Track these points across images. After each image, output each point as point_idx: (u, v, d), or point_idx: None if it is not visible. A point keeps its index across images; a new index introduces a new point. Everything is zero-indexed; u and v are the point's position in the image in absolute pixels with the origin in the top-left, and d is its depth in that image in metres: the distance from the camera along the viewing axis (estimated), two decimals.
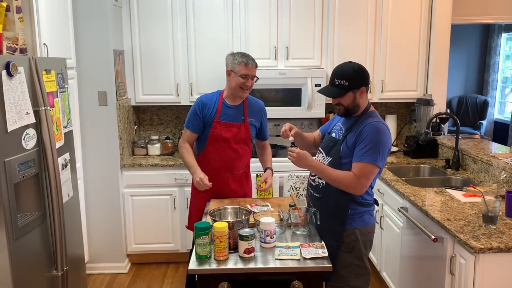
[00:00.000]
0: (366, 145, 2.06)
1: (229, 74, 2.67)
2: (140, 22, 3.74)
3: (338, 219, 2.16)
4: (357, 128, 2.14)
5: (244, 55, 2.66)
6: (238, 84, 2.63)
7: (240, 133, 2.73)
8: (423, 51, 3.91)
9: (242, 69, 2.61)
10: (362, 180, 2.08)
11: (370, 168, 2.06)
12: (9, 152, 1.97)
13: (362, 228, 2.19)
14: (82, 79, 3.40)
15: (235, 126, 2.72)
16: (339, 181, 2.11)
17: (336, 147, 2.19)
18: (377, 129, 2.08)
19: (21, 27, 2.42)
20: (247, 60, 2.63)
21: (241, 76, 2.62)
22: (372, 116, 2.17)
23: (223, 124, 2.69)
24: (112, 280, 3.59)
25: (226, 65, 2.71)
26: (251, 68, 2.63)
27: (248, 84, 2.65)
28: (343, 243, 2.17)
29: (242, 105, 2.76)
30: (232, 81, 2.66)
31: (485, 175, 2.99)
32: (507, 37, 7.75)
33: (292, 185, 3.63)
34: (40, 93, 2.18)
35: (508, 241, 1.96)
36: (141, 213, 3.70)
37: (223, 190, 2.76)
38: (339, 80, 2.13)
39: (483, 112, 7.86)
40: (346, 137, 2.17)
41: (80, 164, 3.39)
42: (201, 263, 1.91)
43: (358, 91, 2.14)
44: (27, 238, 2.09)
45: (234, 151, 2.74)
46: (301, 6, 3.79)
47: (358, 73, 2.14)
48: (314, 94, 3.77)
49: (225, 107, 2.71)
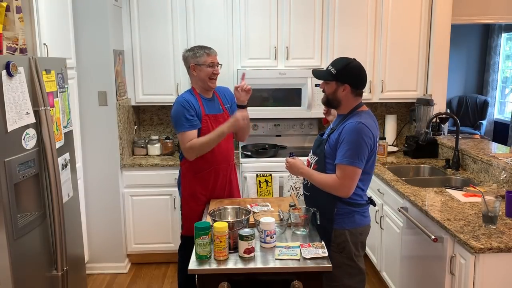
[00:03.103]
0: (344, 146, 2.08)
1: (194, 69, 2.66)
2: (140, 22, 3.74)
3: (326, 218, 2.18)
4: (340, 128, 2.16)
5: (202, 46, 2.69)
6: (207, 75, 2.64)
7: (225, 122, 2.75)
8: (423, 51, 3.91)
9: (206, 58, 2.63)
10: (345, 182, 2.08)
11: (350, 170, 2.07)
12: (9, 152, 1.97)
13: (352, 229, 2.18)
14: (82, 79, 3.40)
15: (219, 117, 2.73)
16: (325, 185, 2.14)
17: (321, 147, 2.23)
18: (354, 130, 2.07)
19: (21, 27, 2.42)
20: (208, 49, 2.66)
21: (208, 66, 2.63)
22: (357, 116, 2.15)
23: (212, 117, 2.69)
24: (112, 280, 3.59)
25: (187, 62, 2.70)
26: (213, 56, 2.67)
27: (216, 72, 2.68)
28: (333, 243, 2.17)
29: (215, 96, 2.78)
30: (200, 74, 2.65)
31: (485, 175, 2.99)
32: (507, 37, 7.75)
33: (292, 185, 3.63)
34: (40, 93, 2.18)
35: (508, 241, 1.96)
36: (141, 213, 3.70)
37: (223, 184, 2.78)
38: (331, 66, 2.17)
39: (483, 112, 7.86)
40: (329, 137, 2.20)
41: (80, 164, 3.39)
42: (201, 263, 1.91)
43: (341, 86, 2.14)
44: (27, 238, 2.09)
45: (227, 141, 2.75)
46: (301, 6, 3.79)
47: (349, 69, 2.14)
48: (314, 94, 3.77)
49: (204, 101, 2.72)
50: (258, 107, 3.81)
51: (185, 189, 2.77)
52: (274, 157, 3.75)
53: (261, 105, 3.83)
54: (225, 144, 2.74)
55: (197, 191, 2.72)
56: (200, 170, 2.71)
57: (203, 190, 2.73)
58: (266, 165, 3.67)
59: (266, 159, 3.70)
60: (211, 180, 2.73)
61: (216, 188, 2.76)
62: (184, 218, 2.81)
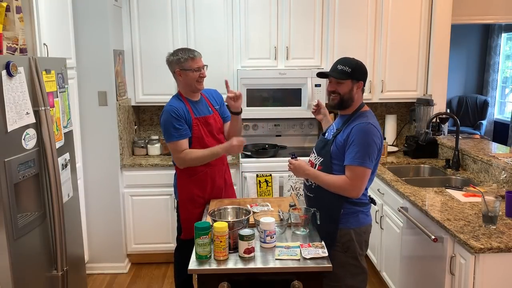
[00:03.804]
0: (355, 147, 2.08)
1: (180, 74, 2.65)
2: (140, 22, 3.74)
3: (331, 218, 2.18)
4: (347, 128, 2.16)
5: (185, 50, 2.66)
6: (195, 78, 2.63)
7: (216, 123, 2.76)
8: (423, 51, 3.91)
9: (192, 64, 2.60)
10: (356, 183, 2.09)
11: (361, 170, 2.08)
12: (9, 152, 1.97)
13: (356, 228, 2.19)
14: (82, 79, 3.40)
15: (209, 118, 2.73)
16: (334, 186, 2.14)
17: (327, 148, 2.22)
18: (364, 131, 2.09)
19: (21, 27, 2.42)
20: (192, 53, 2.63)
21: (194, 70, 2.62)
22: (363, 117, 2.17)
23: (201, 120, 2.69)
24: (112, 280, 3.59)
25: (172, 67, 2.67)
26: (199, 59, 2.64)
27: (203, 75, 2.67)
28: (338, 243, 2.17)
29: (202, 98, 2.78)
30: (187, 79, 2.64)
31: (485, 175, 2.99)
32: (507, 37, 7.75)
33: (292, 185, 3.63)
34: (40, 93, 2.18)
35: (508, 241, 1.96)
36: (141, 213, 3.70)
37: (220, 185, 2.78)
38: (342, 66, 2.16)
39: (483, 112, 7.86)
40: (336, 137, 2.19)
41: (80, 164, 3.39)
42: (201, 263, 1.91)
43: (356, 84, 2.17)
44: (27, 238, 2.09)
45: (219, 141, 2.75)
46: (301, 6, 3.78)
47: (360, 67, 2.19)
48: (314, 94, 3.77)
49: (192, 105, 2.71)
50: (258, 107, 3.81)
51: (182, 193, 2.74)
52: (274, 157, 3.75)
53: (261, 105, 3.83)
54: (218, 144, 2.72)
55: (195, 193, 2.71)
56: (195, 173, 2.70)
57: (200, 192, 2.72)
58: (266, 165, 3.67)
59: (266, 159, 3.70)
60: (208, 182, 2.72)
61: (214, 189, 2.75)
62: (183, 221, 2.78)
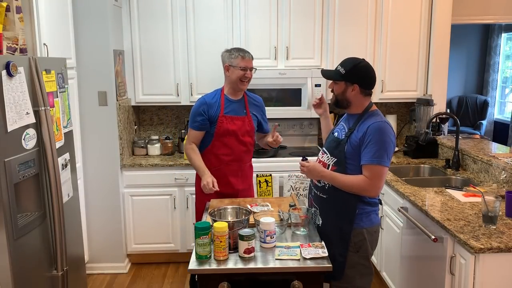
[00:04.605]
0: (372, 146, 2.07)
1: (228, 70, 2.75)
2: (140, 22, 3.74)
3: (346, 219, 2.16)
4: (360, 128, 2.14)
5: (240, 49, 2.77)
6: (239, 77, 2.71)
7: (245, 126, 2.81)
8: (423, 51, 3.91)
9: (240, 62, 2.71)
10: (375, 182, 2.08)
11: (380, 169, 2.07)
12: (9, 152, 1.97)
13: (369, 228, 2.18)
14: (82, 79, 3.40)
15: (239, 119, 2.79)
16: (353, 187, 2.11)
17: (340, 147, 2.19)
18: (381, 129, 2.09)
19: (21, 27, 2.42)
20: (244, 53, 2.73)
21: (241, 69, 2.70)
22: (375, 115, 2.18)
23: (229, 118, 2.76)
24: (112, 280, 3.59)
25: (223, 61, 2.79)
26: (248, 60, 2.74)
27: (248, 76, 2.74)
28: (351, 243, 2.17)
29: (243, 99, 2.85)
30: (232, 75, 2.73)
31: (485, 175, 2.99)
32: (507, 37, 7.75)
33: (292, 185, 3.63)
34: (40, 93, 2.18)
35: (508, 241, 1.96)
36: (141, 213, 3.70)
37: (231, 182, 2.81)
38: (340, 66, 2.19)
39: (483, 112, 7.86)
40: (349, 137, 2.17)
41: (80, 164, 3.39)
42: (201, 263, 1.91)
43: (351, 86, 2.16)
44: (27, 238, 2.09)
45: (242, 143, 2.80)
46: (301, 6, 3.78)
47: (359, 69, 2.15)
48: (314, 94, 3.77)
49: (228, 102, 2.79)
50: None
51: (198, 183, 2.81)
52: (274, 157, 3.75)
53: None
54: (240, 147, 2.81)
55: None
56: (213, 164, 2.78)
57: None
58: (266, 165, 3.67)
59: (266, 159, 3.70)
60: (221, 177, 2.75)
61: (223, 185, 2.75)
62: (197, 212, 2.87)
